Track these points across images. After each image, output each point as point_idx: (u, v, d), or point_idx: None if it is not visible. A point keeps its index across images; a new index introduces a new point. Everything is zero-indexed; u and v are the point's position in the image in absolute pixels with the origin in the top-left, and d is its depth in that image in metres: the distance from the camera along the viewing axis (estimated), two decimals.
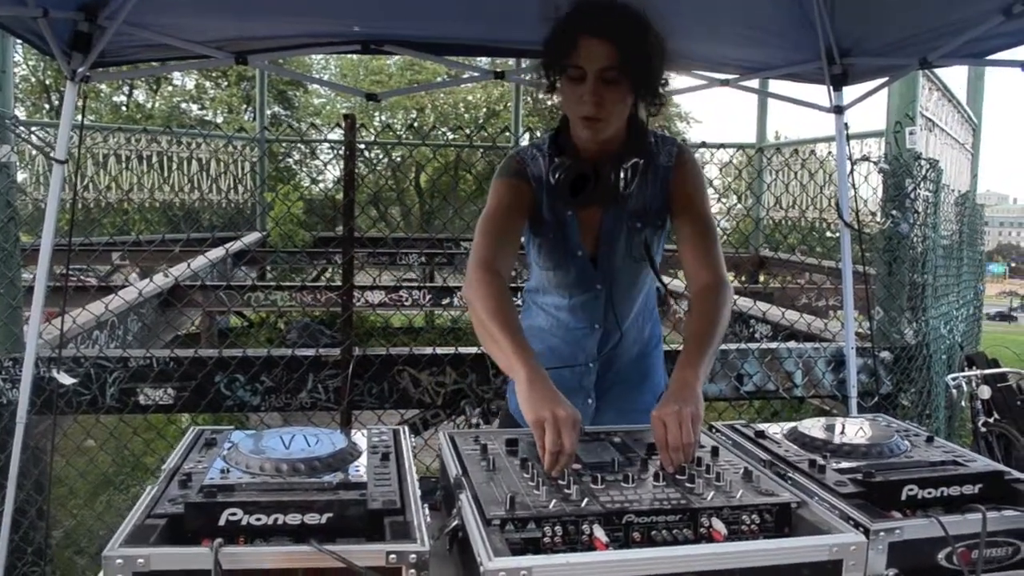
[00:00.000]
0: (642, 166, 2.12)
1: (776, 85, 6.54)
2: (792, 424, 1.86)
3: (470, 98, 24.18)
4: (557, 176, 2.10)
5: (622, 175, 2.09)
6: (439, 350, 4.29)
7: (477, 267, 2.04)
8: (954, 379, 5.31)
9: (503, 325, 1.89)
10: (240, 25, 3.20)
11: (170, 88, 25.17)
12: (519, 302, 2.42)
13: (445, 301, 8.06)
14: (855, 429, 1.82)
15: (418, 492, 1.45)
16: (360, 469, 1.51)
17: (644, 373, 2.40)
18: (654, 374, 2.43)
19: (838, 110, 3.53)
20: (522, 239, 2.28)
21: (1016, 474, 1.63)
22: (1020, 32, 2.80)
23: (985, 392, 5.33)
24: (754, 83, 3.79)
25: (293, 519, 1.31)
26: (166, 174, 11.42)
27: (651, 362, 2.42)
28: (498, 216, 2.14)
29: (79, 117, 3.09)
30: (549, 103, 2.27)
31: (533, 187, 2.19)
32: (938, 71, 6.60)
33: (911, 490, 1.51)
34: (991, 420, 5.42)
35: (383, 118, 23.41)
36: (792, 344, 4.90)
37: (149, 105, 24.80)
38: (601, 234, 2.22)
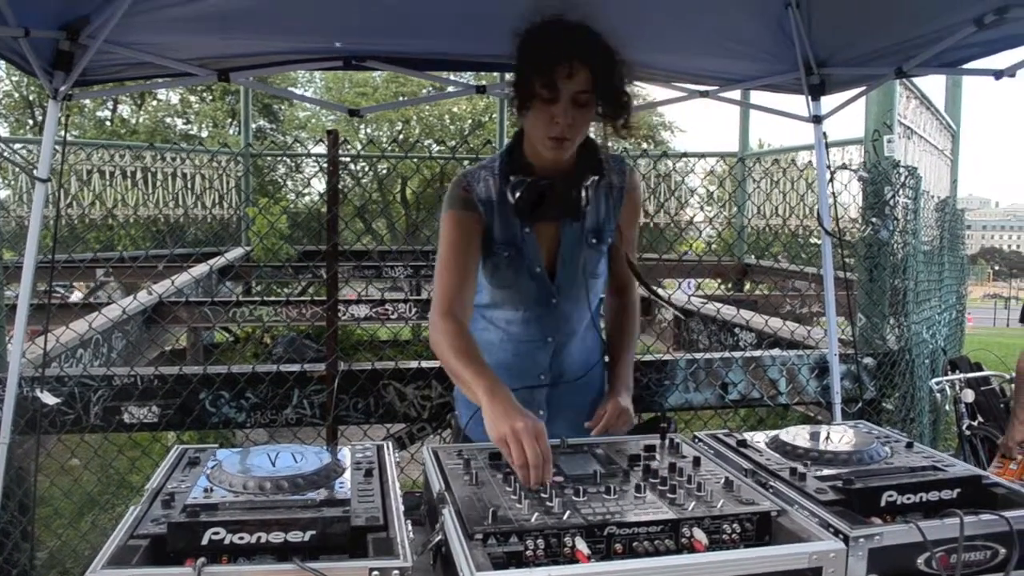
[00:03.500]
0: (596, 182, 2.19)
1: (756, 96, 6.60)
2: (774, 432, 1.88)
3: (455, 109, 24.20)
4: (517, 194, 2.14)
5: (583, 191, 2.15)
6: (425, 364, 4.28)
7: (440, 315, 2.13)
8: (938, 383, 5.34)
9: (466, 362, 1.97)
10: (222, 42, 3.20)
11: (155, 103, 25.09)
12: None
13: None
14: (836, 436, 1.84)
15: (401, 508, 1.46)
16: (343, 486, 1.52)
17: (590, 383, 2.42)
18: (597, 384, 2.46)
19: (816, 119, 3.56)
20: None
21: (993, 478, 1.65)
22: (993, 42, 2.84)
23: (969, 396, 5.37)
24: (735, 94, 3.81)
25: (276, 537, 1.31)
26: (150, 190, 11.39)
27: (595, 372, 2.44)
28: (453, 260, 2.19)
29: (62, 134, 3.09)
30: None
31: (482, 212, 2.22)
32: (915, 80, 6.67)
33: (890, 496, 1.53)
34: (975, 423, 5.46)
35: (368, 131, 23.41)
36: (776, 352, 4.92)
37: (134, 120, 24.73)
38: (561, 250, 2.25)
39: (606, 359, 2.47)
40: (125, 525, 1.36)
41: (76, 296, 8.98)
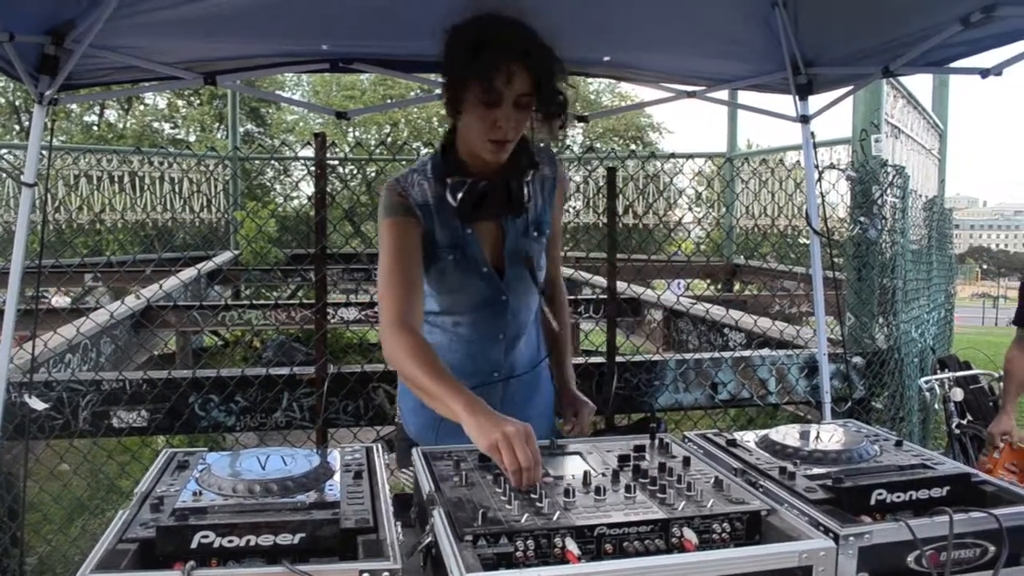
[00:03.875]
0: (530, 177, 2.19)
1: (744, 96, 6.62)
2: (764, 432, 1.88)
3: (443, 111, 24.14)
4: (459, 196, 2.11)
5: (523, 187, 2.15)
6: None
7: (391, 327, 2.04)
8: (927, 382, 5.35)
9: (434, 376, 1.91)
10: (208, 46, 3.19)
11: (142, 107, 25.02)
12: None
13: None
14: (825, 435, 1.84)
15: (391, 510, 1.45)
16: (333, 488, 1.51)
17: (539, 375, 2.43)
18: (545, 377, 2.47)
19: (804, 119, 3.57)
20: None
21: (983, 476, 1.66)
22: (979, 40, 2.85)
23: (958, 394, 5.38)
24: (723, 94, 3.82)
25: (265, 540, 1.31)
26: (138, 194, 11.35)
27: (542, 366, 2.45)
28: (398, 267, 2.12)
29: (48, 139, 3.08)
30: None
31: (420, 217, 2.16)
32: (903, 79, 6.70)
33: (880, 494, 1.53)
34: (964, 422, 5.46)
35: (356, 133, 23.39)
36: (765, 351, 4.94)
37: (121, 125, 24.65)
38: (507, 247, 2.23)
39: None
40: (114, 529, 1.35)
41: (56, 300, 8.91)
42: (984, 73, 2.91)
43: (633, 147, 23.91)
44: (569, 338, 2.53)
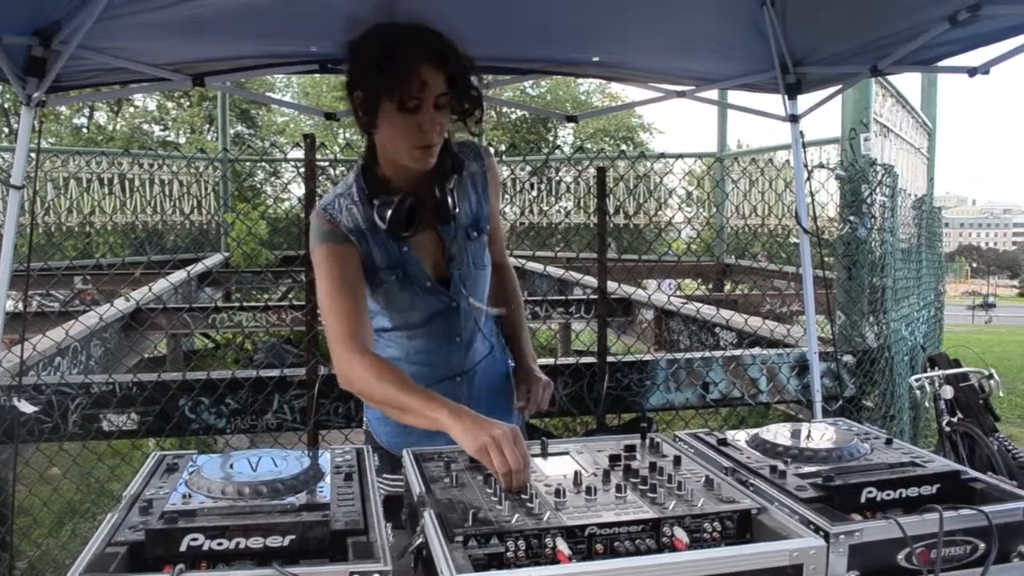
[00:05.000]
0: (457, 179, 2.16)
1: (734, 95, 6.63)
2: (755, 431, 1.88)
3: None
4: (387, 215, 2.05)
5: (450, 194, 2.12)
6: None
7: (345, 352, 2.01)
8: (917, 380, 5.37)
9: (402, 392, 1.90)
10: (196, 47, 3.19)
11: (132, 109, 24.96)
12: None
13: None
14: (816, 434, 1.84)
15: (381, 511, 1.45)
16: (323, 490, 1.51)
17: (496, 360, 2.41)
18: (503, 364, 2.45)
19: (793, 118, 3.58)
20: None
21: (972, 473, 1.66)
22: (966, 39, 2.87)
23: (948, 392, 5.40)
24: (712, 94, 3.83)
25: (255, 542, 1.30)
26: (127, 196, 11.32)
27: (497, 349, 2.43)
28: (341, 293, 2.07)
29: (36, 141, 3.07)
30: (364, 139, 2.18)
31: (355, 243, 2.11)
32: (891, 78, 6.72)
33: (870, 492, 1.54)
34: (955, 420, 5.48)
35: (347, 134, 23.33)
36: (756, 351, 4.95)
37: (110, 127, 24.57)
38: (447, 255, 2.20)
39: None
40: (102, 533, 1.35)
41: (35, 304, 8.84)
42: (972, 72, 2.93)
43: (623, 147, 23.93)
44: (522, 316, 2.51)
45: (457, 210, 2.15)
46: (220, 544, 1.29)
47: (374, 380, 1.95)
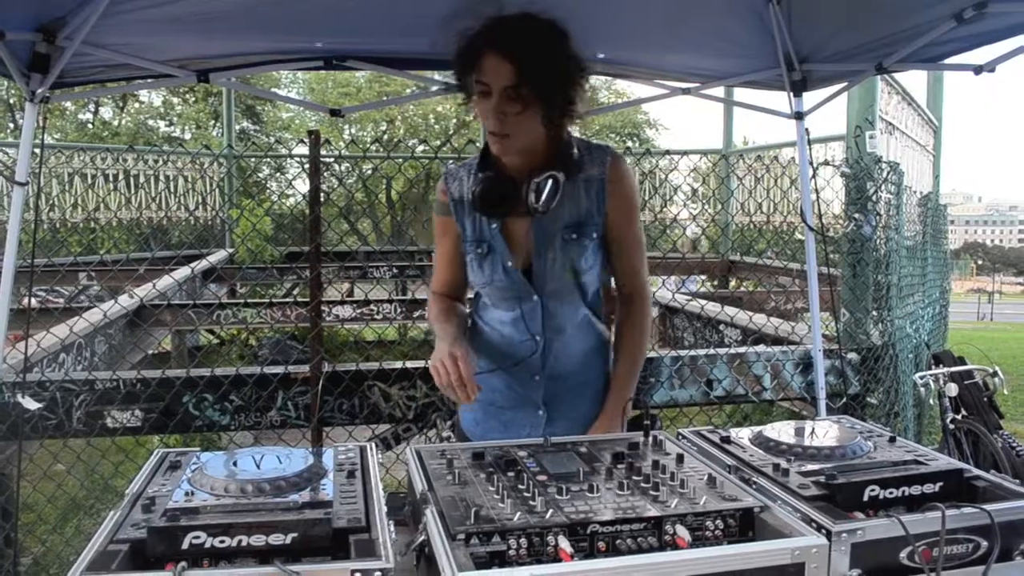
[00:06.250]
0: (565, 178, 2.15)
1: (739, 92, 6.62)
2: (758, 428, 1.88)
3: (440, 108, 24.10)
4: (476, 191, 2.17)
5: (534, 187, 2.13)
6: (409, 364, 4.28)
7: (430, 295, 2.41)
8: (922, 378, 5.36)
9: (436, 321, 2.27)
10: (201, 43, 3.19)
11: (137, 105, 24.94)
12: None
13: (417, 314, 8.04)
14: (819, 432, 1.84)
15: (384, 509, 1.45)
16: (326, 488, 1.51)
17: (587, 381, 2.37)
18: (597, 381, 2.40)
19: (799, 116, 3.58)
20: None
21: (975, 471, 1.66)
22: (972, 37, 2.86)
23: (952, 390, 5.39)
24: (717, 91, 3.82)
25: (257, 540, 1.30)
26: (132, 192, 11.33)
27: (595, 370, 2.40)
28: (439, 256, 2.39)
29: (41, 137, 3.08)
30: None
31: (454, 214, 2.29)
32: (897, 75, 6.70)
33: (873, 491, 1.53)
34: (959, 417, 5.48)
35: (352, 131, 23.35)
36: (760, 348, 4.94)
37: (116, 122, 24.58)
38: (535, 247, 2.23)
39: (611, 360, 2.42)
40: (105, 530, 1.35)
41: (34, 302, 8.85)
42: (977, 69, 2.92)
43: (629, 144, 23.91)
44: (628, 354, 2.37)
45: (540, 204, 2.13)
46: (222, 542, 1.29)
47: (430, 314, 2.34)
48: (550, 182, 2.13)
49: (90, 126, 23.92)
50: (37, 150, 3.30)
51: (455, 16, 2.09)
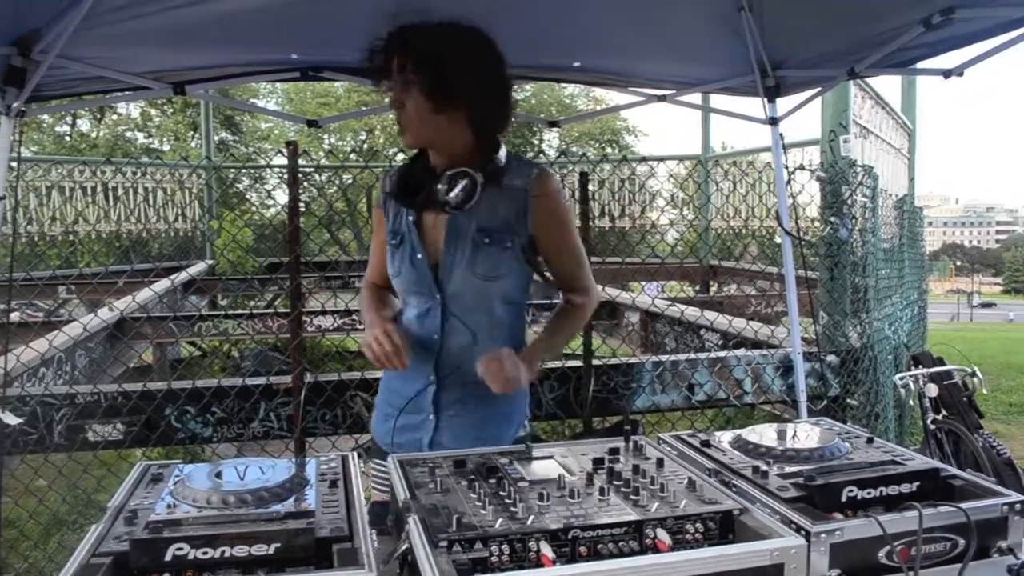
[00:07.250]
0: (485, 181, 2.16)
1: (716, 99, 6.67)
2: (737, 432, 1.90)
3: None
4: (392, 178, 2.29)
5: (446, 180, 2.16)
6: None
7: (363, 285, 2.52)
8: (901, 379, 5.41)
9: (364, 307, 2.40)
10: (177, 56, 3.18)
11: (115, 117, 24.80)
12: None
13: None
14: (798, 434, 1.86)
15: (366, 518, 1.45)
16: (308, 498, 1.51)
17: (489, 398, 2.17)
18: (502, 402, 2.24)
19: (773, 121, 3.60)
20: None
21: (952, 470, 1.68)
22: (940, 42, 2.90)
23: (932, 390, 5.44)
24: (693, 98, 3.85)
25: (240, 551, 1.31)
26: (111, 205, 11.26)
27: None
28: (374, 242, 2.45)
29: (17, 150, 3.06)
30: None
31: (384, 205, 2.36)
32: (871, 80, 6.77)
33: (851, 491, 1.55)
34: (939, 417, 5.53)
35: (332, 140, 23.30)
36: (741, 352, 4.97)
37: (94, 134, 24.43)
38: (447, 243, 2.23)
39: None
40: (87, 543, 1.34)
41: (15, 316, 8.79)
42: (947, 74, 2.95)
43: (608, 151, 23.97)
44: (553, 331, 2.37)
45: (451, 197, 2.14)
46: (205, 553, 1.30)
47: (363, 299, 2.44)
48: (465, 180, 2.14)
49: (68, 138, 23.77)
50: (14, 164, 3.28)
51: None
